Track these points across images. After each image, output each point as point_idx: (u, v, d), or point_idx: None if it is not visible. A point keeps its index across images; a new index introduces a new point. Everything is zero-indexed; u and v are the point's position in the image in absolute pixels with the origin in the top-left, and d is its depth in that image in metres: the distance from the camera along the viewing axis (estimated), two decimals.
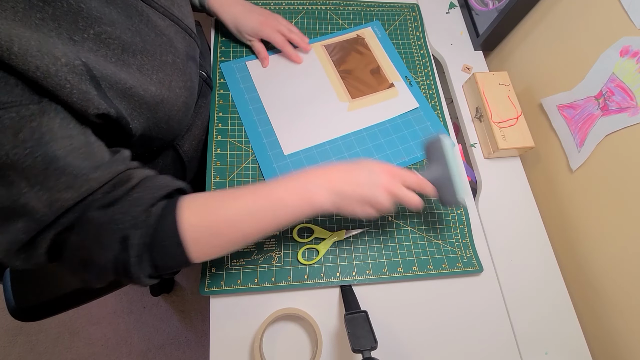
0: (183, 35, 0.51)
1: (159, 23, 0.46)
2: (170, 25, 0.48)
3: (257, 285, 0.53)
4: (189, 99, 0.51)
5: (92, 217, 0.35)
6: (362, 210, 0.45)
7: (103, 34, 0.38)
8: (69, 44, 0.34)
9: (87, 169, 0.35)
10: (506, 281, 0.60)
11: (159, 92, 0.44)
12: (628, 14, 0.55)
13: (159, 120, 0.46)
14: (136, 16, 0.42)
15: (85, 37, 0.36)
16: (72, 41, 0.35)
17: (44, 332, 1.15)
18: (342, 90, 0.69)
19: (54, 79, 0.32)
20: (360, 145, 0.65)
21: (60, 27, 0.34)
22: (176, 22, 0.49)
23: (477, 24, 0.80)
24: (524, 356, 0.56)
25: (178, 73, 0.47)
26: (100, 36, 0.37)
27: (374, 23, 0.77)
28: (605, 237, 0.60)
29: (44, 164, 0.32)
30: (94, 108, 0.36)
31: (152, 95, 0.43)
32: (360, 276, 0.56)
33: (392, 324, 0.55)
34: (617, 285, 0.58)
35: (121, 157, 0.39)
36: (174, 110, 0.48)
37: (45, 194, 0.33)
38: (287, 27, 0.68)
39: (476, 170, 0.69)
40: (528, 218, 0.66)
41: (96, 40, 0.37)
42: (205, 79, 0.63)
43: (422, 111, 0.69)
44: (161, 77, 0.44)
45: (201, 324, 1.19)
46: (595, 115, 0.60)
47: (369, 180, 0.45)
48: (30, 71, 0.30)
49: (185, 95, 0.49)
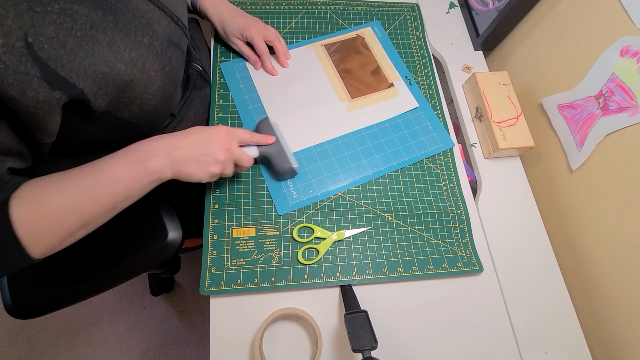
0: (168, 21, 0.49)
1: (140, 6, 0.44)
2: (154, 10, 0.47)
3: (257, 285, 0.53)
4: (167, 85, 0.49)
5: None
6: (202, 170, 0.46)
7: (69, 9, 0.36)
8: (26, 15, 0.33)
9: None
10: (506, 281, 0.60)
11: (129, 71, 0.42)
12: (628, 14, 0.55)
13: (129, 102, 0.44)
14: None
15: (49, 11, 0.35)
16: (32, 12, 0.33)
17: (44, 332, 1.15)
18: (342, 90, 0.69)
19: None
20: (360, 145, 0.65)
21: None
22: (161, 9, 0.48)
23: (477, 23, 0.80)
24: (524, 356, 0.56)
25: (154, 55, 0.46)
26: (65, 11, 0.36)
27: (374, 23, 0.77)
28: (605, 236, 0.60)
29: None
30: (31, 90, 0.34)
31: (119, 74, 0.41)
32: (360, 276, 0.56)
33: (392, 324, 0.55)
34: (617, 284, 0.58)
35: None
36: (148, 94, 0.46)
37: None
38: (274, 34, 0.67)
39: (476, 170, 0.69)
40: (528, 218, 0.66)
41: (60, 13, 0.35)
42: (200, 72, 0.63)
43: (422, 111, 0.69)
44: (134, 56, 0.43)
45: (201, 323, 1.19)
46: (595, 115, 0.60)
47: (204, 138, 0.46)
48: None
49: (162, 80, 0.47)
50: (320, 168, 0.62)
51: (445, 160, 0.67)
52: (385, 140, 0.66)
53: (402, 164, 0.64)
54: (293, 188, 0.60)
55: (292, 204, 0.59)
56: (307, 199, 0.59)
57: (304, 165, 0.62)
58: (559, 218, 0.68)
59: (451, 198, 0.64)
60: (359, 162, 0.63)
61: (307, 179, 0.61)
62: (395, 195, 0.62)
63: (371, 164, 0.63)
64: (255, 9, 0.74)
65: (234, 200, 0.58)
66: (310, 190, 0.60)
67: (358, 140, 0.65)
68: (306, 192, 0.60)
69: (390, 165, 0.64)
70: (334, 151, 0.64)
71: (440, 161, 0.66)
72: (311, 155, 0.63)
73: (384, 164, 0.64)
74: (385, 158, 0.64)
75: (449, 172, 0.66)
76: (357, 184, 0.62)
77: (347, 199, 0.61)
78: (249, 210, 0.58)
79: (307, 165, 0.62)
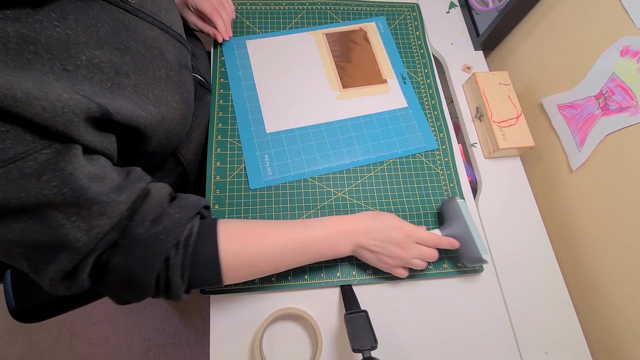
0: (173, 43, 0.49)
1: (148, 34, 0.44)
2: (160, 35, 0.47)
3: (257, 285, 0.53)
4: (186, 111, 0.50)
5: (136, 237, 0.37)
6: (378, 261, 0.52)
7: (94, 58, 0.36)
8: (63, 77, 0.33)
9: (113, 193, 0.36)
10: (506, 281, 0.60)
11: (158, 110, 0.44)
12: (628, 14, 0.55)
13: (160, 137, 0.46)
14: (124, 32, 0.41)
15: (79, 65, 0.35)
16: (66, 72, 0.34)
17: (44, 332, 1.15)
18: (335, 78, 0.70)
19: (62, 117, 0.31)
20: (342, 133, 0.65)
21: (54, 57, 0.33)
22: (165, 31, 0.48)
23: (478, 23, 0.80)
24: (524, 356, 0.56)
25: (173, 86, 0.47)
26: (92, 61, 0.36)
27: (379, 18, 0.78)
28: (605, 236, 0.60)
29: (74, 197, 0.33)
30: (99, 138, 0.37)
31: (153, 114, 0.42)
32: (360, 276, 0.56)
33: (392, 324, 0.55)
34: (618, 285, 0.58)
35: (137, 174, 0.40)
36: (173, 125, 0.47)
37: (82, 223, 0.34)
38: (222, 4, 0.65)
39: (476, 170, 0.69)
40: (528, 218, 0.66)
41: (89, 66, 0.36)
42: (199, 81, 0.62)
43: (411, 109, 0.69)
44: (157, 94, 0.44)
45: (201, 323, 1.19)
46: (595, 115, 0.60)
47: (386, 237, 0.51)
48: (37, 114, 0.30)
49: (182, 108, 0.49)
50: (299, 150, 0.63)
51: (445, 160, 0.67)
52: (368, 133, 0.66)
53: (380, 158, 0.64)
54: (269, 165, 0.61)
55: (264, 180, 0.60)
56: (281, 178, 0.60)
57: (283, 145, 0.63)
58: (559, 218, 0.68)
59: None
60: (339, 150, 0.64)
61: (284, 158, 0.62)
62: (395, 195, 0.62)
63: (350, 153, 0.64)
64: (255, 9, 0.74)
65: (234, 200, 0.58)
66: (285, 169, 0.61)
67: (341, 129, 0.66)
68: (281, 171, 0.61)
69: (368, 157, 0.64)
70: (316, 136, 0.64)
71: (440, 161, 0.66)
72: (292, 137, 0.63)
73: (363, 155, 0.64)
74: (366, 150, 0.65)
75: (449, 172, 0.66)
76: (334, 171, 0.62)
77: (347, 198, 0.61)
78: (249, 210, 0.58)
79: (286, 145, 0.63)
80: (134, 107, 0.40)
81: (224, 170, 0.60)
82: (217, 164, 0.60)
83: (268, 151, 0.62)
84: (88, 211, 0.34)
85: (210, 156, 0.60)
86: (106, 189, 0.35)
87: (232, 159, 0.61)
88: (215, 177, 0.59)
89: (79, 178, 0.33)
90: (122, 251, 0.37)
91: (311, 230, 0.49)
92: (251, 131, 0.63)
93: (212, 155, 0.60)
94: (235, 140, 0.62)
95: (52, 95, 0.31)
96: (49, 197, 0.31)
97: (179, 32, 0.52)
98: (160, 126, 0.44)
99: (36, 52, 0.32)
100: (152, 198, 0.40)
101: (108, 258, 0.37)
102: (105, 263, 0.38)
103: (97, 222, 0.35)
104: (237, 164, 0.60)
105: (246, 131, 0.63)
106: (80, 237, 0.34)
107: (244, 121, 0.64)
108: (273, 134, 0.63)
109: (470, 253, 0.54)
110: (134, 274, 0.38)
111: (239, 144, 0.62)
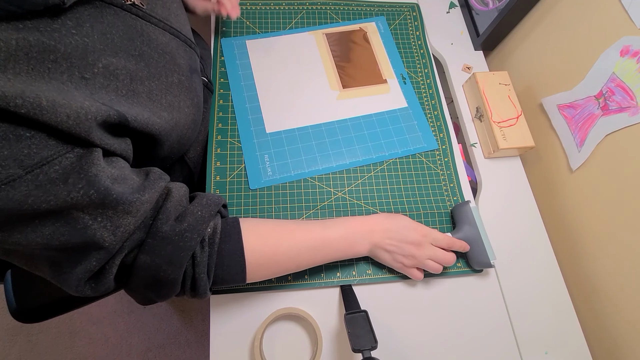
0: (184, 48, 0.50)
1: (160, 40, 0.45)
2: (171, 40, 0.47)
3: (257, 285, 0.53)
4: (197, 115, 0.51)
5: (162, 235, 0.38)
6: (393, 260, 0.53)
7: (110, 65, 0.37)
8: (81, 86, 0.34)
9: (136, 193, 0.36)
10: (506, 281, 0.60)
11: (172, 116, 0.44)
12: (628, 14, 0.55)
13: (172, 143, 0.46)
14: (137, 38, 0.41)
15: (96, 72, 0.36)
16: (84, 80, 0.34)
17: (44, 332, 1.15)
18: (335, 78, 0.70)
19: (85, 124, 0.32)
20: (342, 133, 0.65)
21: (72, 66, 0.34)
22: (176, 35, 0.48)
23: (478, 23, 0.80)
24: (524, 356, 0.55)
25: (185, 92, 0.47)
26: (108, 68, 0.37)
27: (379, 18, 0.78)
28: (605, 236, 0.60)
29: (99, 198, 0.33)
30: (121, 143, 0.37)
31: (166, 121, 0.43)
32: (360, 276, 0.56)
33: (392, 324, 0.55)
34: (618, 285, 0.58)
35: (157, 174, 0.41)
36: (185, 130, 0.48)
37: (109, 223, 0.34)
38: None
39: (476, 170, 0.69)
40: (528, 218, 0.66)
41: (105, 73, 0.37)
42: (206, 84, 0.63)
43: (411, 109, 0.69)
44: (170, 99, 0.44)
45: (201, 323, 1.19)
46: (595, 115, 0.60)
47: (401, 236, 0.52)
48: (63, 122, 0.30)
49: (193, 113, 0.49)
50: (299, 150, 0.63)
51: (445, 160, 0.67)
52: (368, 133, 0.66)
53: (380, 158, 0.64)
54: (269, 165, 0.61)
55: (264, 180, 0.60)
56: (281, 178, 0.60)
57: (283, 145, 0.63)
58: (559, 218, 0.68)
59: (451, 198, 0.64)
60: (339, 150, 0.64)
61: (284, 158, 0.62)
62: (395, 195, 0.62)
63: (350, 153, 0.64)
64: (255, 9, 0.74)
65: (234, 200, 0.58)
66: (285, 169, 0.61)
67: (341, 129, 0.66)
68: (281, 171, 0.61)
69: (368, 158, 0.64)
70: (316, 136, 0.64)
71: (440, 161, 0.66)
72: (292, 137, 0.63)
73: (362, 155, 0.64)
74: (366, 150, 0.65)
75: (449, 172, 0.66)
76: (334, 171, 0.62)
77: (347, 199, 0.61)
78: (249, 210, 0.58)
79: (286, 146, 0.63)
80: (149, 114, 0.40)
81: (224, 170, 0.60)
82: (217, 164, 0.60)
83: (268, 151, 0.62)
84: (114, 211, 0.34)
85: (210, 156, 0.60)
86: (129, 189, 0.36)
87: (232, 159, 0.61)
88: (215, 177, 0.59)
89: (103, 179, 0.33)
90: (149, 250, 0.38)
91: (331, 229, 0.50)
92: (251, 131, 0.63)
93: (212, 155, 0.60)
94: (235, 141, 0.62)
95: (75, 103, 0.31)
96: (76, 200, 0.32)
97: (188, 37, 0.52)
98: (173, 132, 0.45)
99: (55, 60, 0.32)
100: (174, 197, 0.40)
101: (135, 258, 0.38)
102: (131, 263, 0.38)
103: (123, 221, 0.35)
104: (237, 164, 0.60)
105: (246, 131, 0.63)
106: (107, 237, 0.34)
107: (244, 121, 0.64)
108: (273, 134, 0.63)
109: (479, 257, 0.56)
110: (161, 272, 0.38)
111: (239, 144, 0.62)
